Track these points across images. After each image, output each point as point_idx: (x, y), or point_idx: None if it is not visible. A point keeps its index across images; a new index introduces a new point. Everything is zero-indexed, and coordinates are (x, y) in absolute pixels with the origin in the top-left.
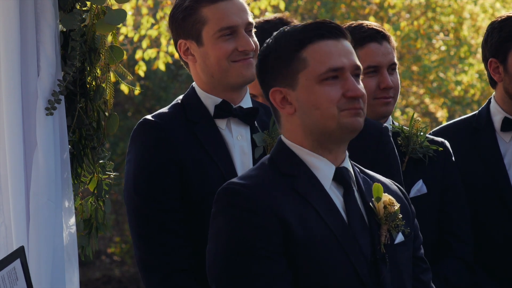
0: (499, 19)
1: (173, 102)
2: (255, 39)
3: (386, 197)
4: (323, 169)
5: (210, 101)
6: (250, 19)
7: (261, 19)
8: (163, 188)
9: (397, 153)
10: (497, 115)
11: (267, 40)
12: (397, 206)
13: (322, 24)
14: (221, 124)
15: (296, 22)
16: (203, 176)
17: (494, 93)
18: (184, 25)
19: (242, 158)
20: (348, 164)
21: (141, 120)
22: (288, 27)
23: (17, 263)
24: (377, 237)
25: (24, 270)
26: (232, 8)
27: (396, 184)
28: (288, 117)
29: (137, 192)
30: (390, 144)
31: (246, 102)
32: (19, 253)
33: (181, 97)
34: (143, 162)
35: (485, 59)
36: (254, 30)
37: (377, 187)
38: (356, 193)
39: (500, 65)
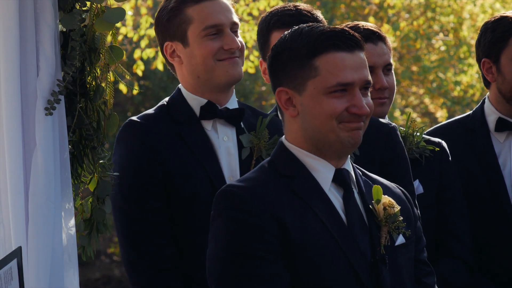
0: (493, 19)
1: (159, 104)
2: (241, 38)
3: (386, 199)
4: (322, 171)
5: (195, 102)
6: (235, 19)
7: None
8: (147, 189)
9: (406, 154)
10: (491, 116)
11: (283, 35)
12: (397, 208)
13: (340, 34)
14: (207, 125)
15: (318, 14)
16: (188, 176)
17: (488, 93)
18: (169, 26)
19: (228, 159)
20: (349, 166)
21: (126, 121)
22: (306, 27)
23: (13, 264)
24: (377, 239)
25: (18, 270)
26: (217, 7)
27: (401, 188)
28: (291, 119)
29: (121, 193)
30: (399, 144)
31: (232, 104)
32: (16, 254)
33: (167, 98)
34: (127, 163)
35: (478, 59)
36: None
37: (377, 189)
38: (356, 195)
39: (493, 65)
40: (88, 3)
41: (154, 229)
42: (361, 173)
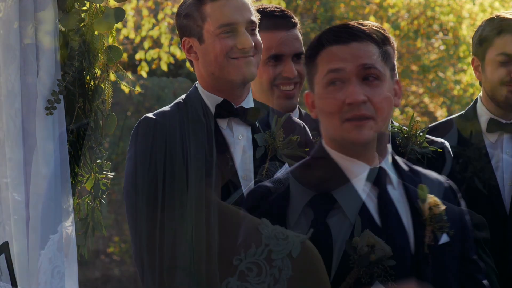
0: (489, 18)
1: (175, 101)
2: (259, 38)
3: (432, 198)
4: (355, 171)
5: (211, 100)
6: (253, 18)
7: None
8: (162, 186)
9: None
10: (483, 116)
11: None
12: (442, 207)
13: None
14: (222, 123)
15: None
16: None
17: (480, 93)
18: (187, 22)
19: (243, 157)
20: (387, 163)
21: (142, 117)
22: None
23: (1, 259)
24: (420, 238)
25: (8, 265)
26: (233, 6)
27: (448, 181)
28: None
29: (136, 189)
30: None
31: (248, 103)
32: (3, 249)
33: (183, 96)
34: (141, 160)
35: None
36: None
37: (422, 188)
38: (399, 194)
39: (480, 63)
40: (87, 3)
41: (167, 226)
42: (408, 168)
